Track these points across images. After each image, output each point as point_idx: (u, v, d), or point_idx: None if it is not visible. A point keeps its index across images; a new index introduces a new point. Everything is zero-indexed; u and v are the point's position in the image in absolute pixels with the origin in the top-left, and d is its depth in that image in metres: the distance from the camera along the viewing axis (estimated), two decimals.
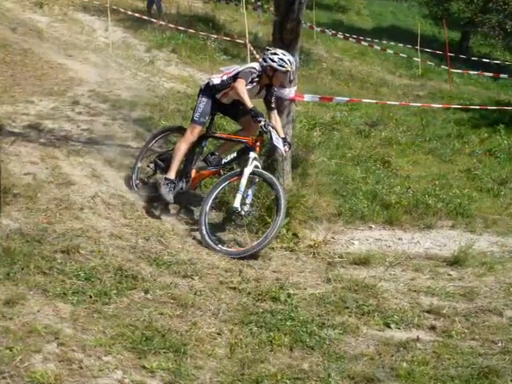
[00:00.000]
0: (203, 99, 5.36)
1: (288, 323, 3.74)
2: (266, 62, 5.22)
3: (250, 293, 4.16)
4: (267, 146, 5.88)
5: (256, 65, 5.30)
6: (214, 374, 3.16)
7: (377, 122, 9.98)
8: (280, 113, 5.62)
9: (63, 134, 6.54)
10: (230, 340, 3.48)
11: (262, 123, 5.00)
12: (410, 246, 5.49)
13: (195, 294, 3.99)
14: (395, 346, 3.64)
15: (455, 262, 5.01)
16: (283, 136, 5.31)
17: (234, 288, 4.22)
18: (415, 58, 16.78)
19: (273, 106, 5.39)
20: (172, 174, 5.32)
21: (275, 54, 5.22)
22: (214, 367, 3.22)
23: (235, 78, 5.20)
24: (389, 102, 10.30)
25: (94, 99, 8.00)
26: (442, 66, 16.18)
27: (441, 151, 8.82)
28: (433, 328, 3.92)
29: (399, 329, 3.91)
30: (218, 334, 3.56)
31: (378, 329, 3.89)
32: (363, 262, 4.95)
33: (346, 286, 4.43)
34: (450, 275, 4.81)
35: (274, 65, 5.17)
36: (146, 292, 3.86)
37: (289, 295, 4.17)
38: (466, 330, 3.90)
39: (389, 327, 3.92)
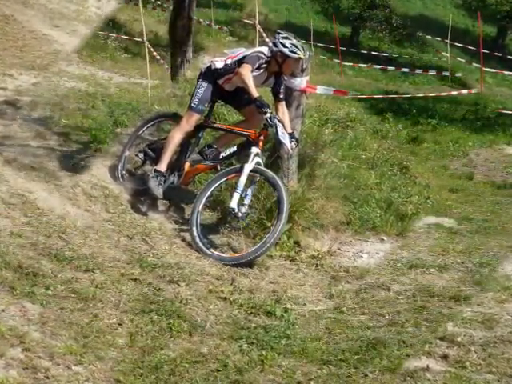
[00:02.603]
0: (203, 84, 5.31)
1: (283, 341, 3.76)
2: (276, 46, 5.17)
3: (242, 305, 4.19)
4: (272, 141, 5.87)
5: (265, 49, 5.24)
6: None
7: None
8: (288, 105, 5.57)
9: None
10: (218, 357, 3.52)
11: (268, 115, 4.96)
12: None
13: (181, 302, 4.03)
14: (401, 375, 3.60)
15: (475, 283, 5.02)
16: (290, 131, 5.28)
17: (225, 298, 4.25)
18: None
19: (281, 96, 5.35)
20: (163, 166, 5.29)
21: (287, 38, 5.18)
22: None
23: (240, 62, 5.15)
24: None
25: None
26: (335, 60, 18.67)
27: None
28: (445, 357, 3.89)
29: (408, 356, 3.88)
30: (208, 351, 3.59)
31: None
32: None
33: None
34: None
35: (285, 50, 5.13)
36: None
37: (286, 310, 4.19)
38: (482, 362, 3.87)
39: None
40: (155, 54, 11.34)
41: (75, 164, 6.84)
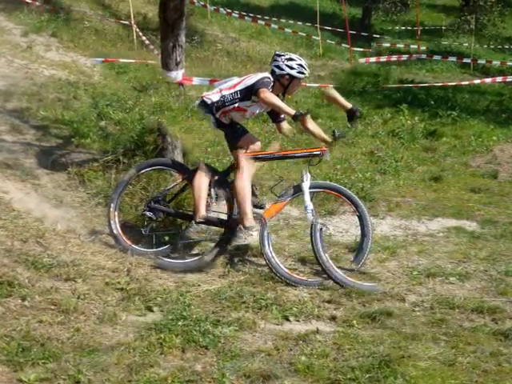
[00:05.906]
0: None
1: (180, 323, 4.06)
2: (281, 69, 5.35)
3: (138, 293, 4.52)
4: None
5: (266, 74, 5.40)
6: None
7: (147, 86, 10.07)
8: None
9: None
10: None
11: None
12: None
13: (78, 297, 4.27)
14: (294, 340, 4.06)
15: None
16: (350, 107, 5.31)
17: (122, 289, 4.58)
18: (315, 37, 18.58)
19: (282, 116, 5.56)
20: (251, 220, 5.21)
21: (291, 59, 5.38)
22: None
23: (248, 90, 5.29)
24: None
25: None
26: (343, 45, 18.52)
27: None
28: (333, 318, 4.40)
29: (298, 321, 4.39)
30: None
31: (276, 322, 4.34)
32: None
33: (242, 280, 4.94)
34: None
35: (294, 72, 5.35)
36: (24, 299, 4.05)
37: (181, 293, 4.58)
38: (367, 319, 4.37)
39: (287, 320, 4.39)
40: (144, 38, 11.41)
41: (54, 161, 6.93)
